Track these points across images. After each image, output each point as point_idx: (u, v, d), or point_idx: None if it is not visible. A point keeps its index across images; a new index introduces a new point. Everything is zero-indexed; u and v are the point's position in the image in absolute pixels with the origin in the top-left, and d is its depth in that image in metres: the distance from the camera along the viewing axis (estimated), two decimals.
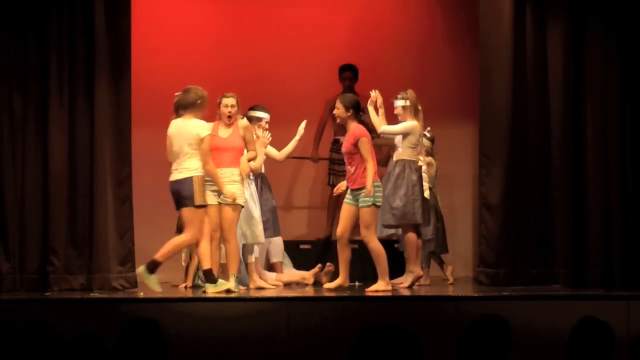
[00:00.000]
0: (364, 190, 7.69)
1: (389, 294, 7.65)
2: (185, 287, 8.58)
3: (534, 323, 6.76)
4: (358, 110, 7.88)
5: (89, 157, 8.21)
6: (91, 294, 7.77)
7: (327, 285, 8.03)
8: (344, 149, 7.95)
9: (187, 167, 7.59)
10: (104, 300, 7.45)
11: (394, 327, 3.39)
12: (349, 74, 9.71)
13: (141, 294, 7.87)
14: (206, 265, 7.73)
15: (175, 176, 7.64)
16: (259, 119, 8.46)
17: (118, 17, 8.30)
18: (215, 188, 7.73)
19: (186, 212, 7.63)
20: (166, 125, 7.86)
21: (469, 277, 9.33)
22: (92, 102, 8.24)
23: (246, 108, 8.48)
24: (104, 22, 8.23)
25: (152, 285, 7.59)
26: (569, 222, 8.19)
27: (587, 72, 8.22)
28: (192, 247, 8.71)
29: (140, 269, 7.65)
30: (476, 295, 7.69)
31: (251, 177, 8.25)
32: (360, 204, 7.75)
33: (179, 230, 8.76)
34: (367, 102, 9.30)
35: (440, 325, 6.67)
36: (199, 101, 7.68)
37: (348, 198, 7.89)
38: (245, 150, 7.99)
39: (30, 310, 7.03)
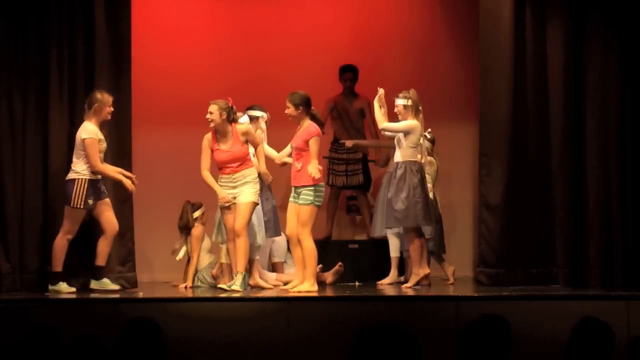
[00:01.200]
0: (304, 188, 7.70)
1: (314, 294, 7.63)
2: (185, 287, 8.58)
3: (534, 323, 6.76)
4: (308, 107, 7.88)
5: None
6: (91, 294, 7.77)
7: (286, 287, 7.97)
8: (294, 144, 7.92)
9: None
10: (104, 300, 7.45)
11: (394, 327, 3.39)
12: (349, 75, 9.70)
13: (141, 294, 7.87)
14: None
15: None
16: (257, 118, 8.48)
17: (118, 16, 8.30)
18: (229, 191, 7.80)
19: None
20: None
21: (469, 277, 9.32)
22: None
23: (246, 108, 8.49)
24: (104, 21, 8.23)
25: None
26: (569, 222, 8.19)
27: (587, 71, 8.22)
28: (189, 248, 8.72)
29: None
30: (476, 295, 7.68)
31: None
32: (300, 202, 7.77)
33: (181, 229, 8.78)
34: (366, 102, 9.36)
35: (440, 325, 6.67)
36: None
37: (292, 197, 7.89)
38: (252, 153, 8.09)
39: (30, 310, 7.03)
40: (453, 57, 10.05)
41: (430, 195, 8.30)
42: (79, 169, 7.80)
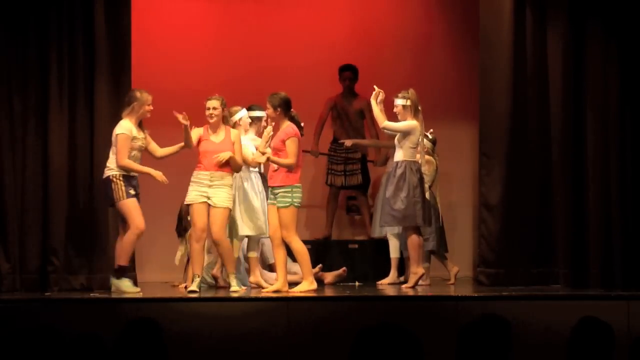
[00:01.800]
0: (281, 189, 7.68)
1: (313, 294, 7.62)
2: (185, 287, 8.56)
3: (534, 323, 6.76)
4: (287, 108, 7.85)
5: (89, 157, 8.22)
6: (91, 294, 7.77)
7: (266, 290, 7.89)
8: (272, 144, 7.87)
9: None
10: (104, 300, 7.45)
11: (394, 327, 3.39)
12: (349, 74, 9.71)
13: (141, 294, 7.86)
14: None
15: None
16: (259, 118, 8.48)
17: (118, 17, 8.31)
18: (203, 189, 7.78)
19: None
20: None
21: (469, 277, 9.33)
22: (92, 102, 8.25)
23: (246, 108, 8.49)
24: (104, 22, 8.24)
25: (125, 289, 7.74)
26: (569, 222, 8.19)
27: (587, 72, 8.23)
28: (189, 249, 8.71)
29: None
30: (476, 295, 7.68)
31: (256, 169, 8.28)
32: (279, 204, 7.71)
33: (180, 232, 8.78)
34: (365, 102, 9.35)
35: (440, 325, 6.67)
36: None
37: (270, 198, 7.86)
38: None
39: (30, 310, 7.03)
40: (453, 57, 10.05)
41: (427, 195, 8.29)
42: (113, 165, 7.77)
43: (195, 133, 7.93)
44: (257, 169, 8.34)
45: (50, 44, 8.21)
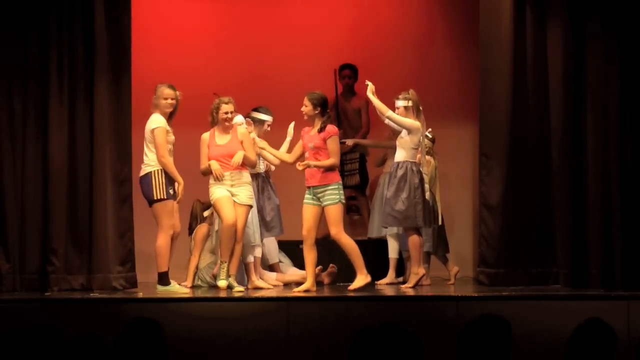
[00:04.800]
0: (327, 188, 7.67)
1: (370, 292, 7.62)
2: (185, 287, 8.57)
3: (534, 323, 6.76)
4: (325, 108, 7.88)
5: (89, 157, 8.21)
6: (91, 294, 7.77)
7: (297, 289, 7.91)
8: (310, 143, 7.89)
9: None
10: (104, 300, 7.45)
11: (394, 327, 3.39)
12: (347, 72, 9.71)
13: (141, 294, 7.87)
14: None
15: None
16: (262, 122, 8.49)
17: (118, 17, 8.30)
18: (226, 188, 7.81)
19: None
20: (170, 125, 7.91)
21: (469, 277, 9.33)
22: (92, 101, 8.24)
23: (246, 108, 8.49)
24: (104, 22, 8.23)
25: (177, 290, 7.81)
26: (569, 222, 8.19)
27: (587, 71, 8.22)
28: (192, 246, 8.72)
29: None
30: (476, 295, 7.68)
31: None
32: (326, 202, 7.74)
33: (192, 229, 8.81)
34: (364, 102, 9.35)
35: (441, 325, 6.68)
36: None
37: (307, 198, 7.87)
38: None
39: (30, 310, 7.03)
40: (453, 57, 10.06)
41: (427, 195, 8.29)
42: (151, 161, 7.78)
43: (204, 144, 7.97)
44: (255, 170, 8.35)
45: (50, 44, 8.20)
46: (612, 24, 8.21)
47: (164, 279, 7.82)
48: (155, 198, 7.73)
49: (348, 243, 7.82)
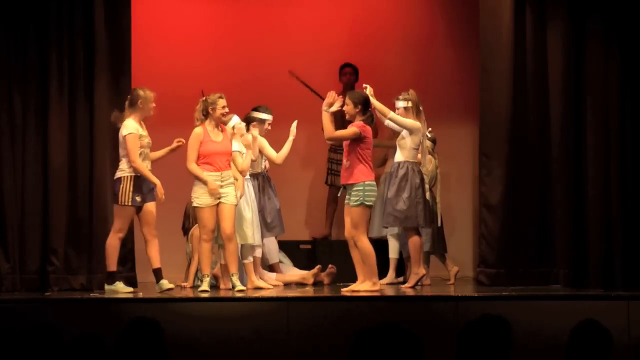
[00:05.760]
0: (353, 187, 7.66)
1: (377, 294, 7.60)
2: (185, 286, 8.58)
3: (534, 323, 6.75)
4: (366, 107, 7.86)
5: (89, 157, 8.22)
6: (91, 294, 7.77)
7: (352, 287, 7.84)
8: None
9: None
10: (104, 300, 7.45)
11: (394, 327, 3.39)
12: (349, 69, 9.69)
13: (141, 294, 7.87)
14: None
15: None
16: (263, 121, 8.48)
17: (118, 17, 8.31)
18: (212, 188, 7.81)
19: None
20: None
21: (469, 277, 9.33)
22: (92, 102, 8.25)
23: (246, 108, 8.49)
24: (104, 22, 8.24)
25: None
26: (569, 222, 8.18)
27: (587, 71, 8.22)
28: (191, 248, 8.72)
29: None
30: (476, 295, 7.68)
31: (248, 177, 8.30)
32: (351, 203, 7.72)
33: (186, 231, 8.79)
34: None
35: (440, 325, 6.67)
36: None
37: (346, 198, 7.87)
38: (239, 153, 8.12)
39: (30, 310, 7.03)
40: (453, 57, 10.05)
41: (427, 195, 8.29)
42: (124, 167, 7.80)
43: (197, 138, 7.92)
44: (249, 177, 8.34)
45: (50, 44, 8.21)
46: (612, 23, 8.21)
47: (110, 278, 7.82)
48: (119, 203, 7.77)
49: (365, 247, 7.71)
